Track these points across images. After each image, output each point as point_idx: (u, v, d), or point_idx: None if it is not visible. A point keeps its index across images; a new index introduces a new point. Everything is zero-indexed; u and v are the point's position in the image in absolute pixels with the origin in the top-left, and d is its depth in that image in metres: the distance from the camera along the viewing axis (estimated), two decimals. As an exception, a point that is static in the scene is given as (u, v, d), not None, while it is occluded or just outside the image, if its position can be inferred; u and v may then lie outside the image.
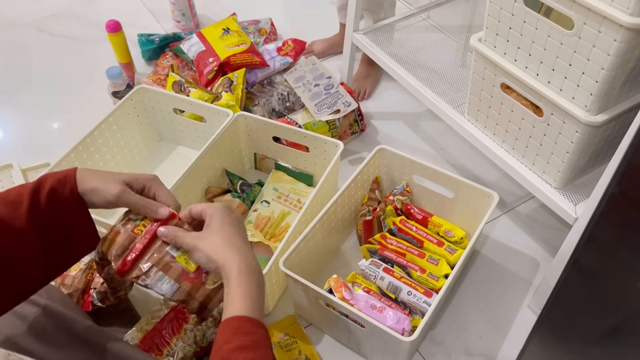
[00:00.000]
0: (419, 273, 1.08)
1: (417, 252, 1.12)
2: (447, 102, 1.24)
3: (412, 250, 1.13)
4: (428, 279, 1.07)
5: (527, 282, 1.20)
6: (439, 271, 1.09)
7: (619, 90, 0.93)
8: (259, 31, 1.75)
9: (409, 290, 1.04)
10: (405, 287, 1.05)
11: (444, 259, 1.12)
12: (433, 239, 1.15)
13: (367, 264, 1.09)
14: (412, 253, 1.12)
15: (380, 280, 1.07)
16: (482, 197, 1.13)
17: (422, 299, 1.03)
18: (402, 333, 0.95)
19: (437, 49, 1.41)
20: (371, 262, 1.10)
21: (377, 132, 1.51)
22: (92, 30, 1.87)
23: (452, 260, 1.12)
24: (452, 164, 1.43)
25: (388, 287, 1.06)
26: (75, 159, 1.22)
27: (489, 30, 1.04)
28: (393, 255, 1.12)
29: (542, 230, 1.28)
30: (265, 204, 1.25)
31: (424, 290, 1.04)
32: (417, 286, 1.05)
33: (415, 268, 1.09)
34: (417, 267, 1.09)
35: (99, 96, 1.60)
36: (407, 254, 1.12)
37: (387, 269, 1.08)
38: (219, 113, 1.29)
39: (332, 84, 1.45)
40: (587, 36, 0.87)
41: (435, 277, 1.07)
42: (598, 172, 1.08)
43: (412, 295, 1.03)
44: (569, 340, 0.76)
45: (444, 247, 1.13)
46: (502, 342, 1.11)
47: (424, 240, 1.15)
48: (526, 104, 1.04)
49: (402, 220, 1.19)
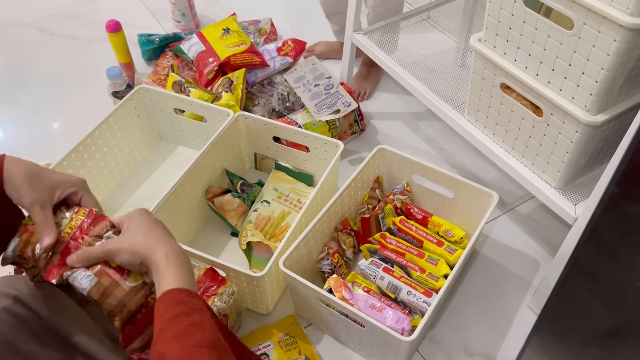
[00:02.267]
0: (418, 273, 1.08)
1: (417, 252, 1.13)
2: (447, 102, 1.24)
3: (411, 250, 1.13)
4: (428, 279, 1.07)
5: (527, 282, 1.20)
6: (438, 271, 1.09)
7: (618, 90, 0.93)
8: (259, 31, 1.75)
9: (408, 290, 1.04)
10: (405, 287, 1.05)
11: (444, 259, 1.12)
12: (433, 238, 1.15)
13: (367, 264, 1.09)
14: (412, 253, 1.12)
15: (380, 279, 1.07)
16: (482, 197, 1.13)
17: (421, 299, 1.03)
18: (401, 333, 0.95)
19: (437, 49, 1.41)
20: (371, 261, 1.10)
21: (377, 132, 1.51)
22: (92, 30, 1.87)
23: (452, 260, 1.12)
24: (452, 164, 1.43)
25: (388, 287, 1.06)
26: (75, 158, 1.22)
27: (488, 30, 1.04)
28: (393, 255, 1.12)
29: (542, 230, 1.28)
30: (266, 203, 1.25)
31: (424, 290, 1.04)
32: (417, 286, 1.05)
33: (415, 268, 1.09)
34: (417, 267, 1.09)
35: (99, 96, 1.60)
36: (406, 254, 1.12)
37: (387, 268, 1.08)
38: (219, 113, 1.29)
39: (332, 84, 1.45)
40: (587, 36, 0.87)
41: (435, 277, 1.08)
42: (598, 172, 1.08)
43: (412, 295, 1.03)
44: (568, 340, 0.76)
45: (444, 247, 1.14)
46: (502, 342, 1.11)
47: (423, 240, 1.15)
48: (526, 104, 1.04)
49: (402, 220, 1.19)
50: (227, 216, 1.24)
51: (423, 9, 1.49)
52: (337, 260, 1.12)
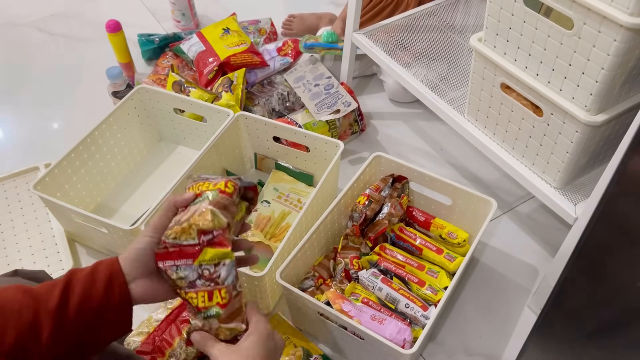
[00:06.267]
0: (418, 287, 1.07)
1: (417, 264, 1.11)
2: (447, 102, 1.24)
3: (411, 262, 1.11)
4: (427, 294, 1.06)
5: (527, 282, 1.20)
6: (439, 284, 1.08)
7: (618, 90, 0.93)
8: (259, 31, 1.75)
9: (406, 303, 1.02)
10: (403, 300, 1.02)
11: (443, 270, 1.11)
12: (432, 246, 1.14)
13: (367, 275, 1.07)
14: (412, 265, 1.11)
15: (378, 290, 1.05)
16: (480, 203, 1.12)
17: (419, 312, 1.01)
18: (402, 344, 0.93)
19: (437, 49, 1.41)
20: (372, 273, 1.07)
21: (377, 132, 1.51)
22: (92, 30, 1.87)
23: (452, 268, 1.11)
24: (452, 164, 1.43)
25: (386, 298, 1.04)
26: (75, 158, 1.22)
27: (489, 30, 1.04)
28: (392, 267, 1.10)
29: (542, 230, 1.28)
30: (266, 203, 1.25)
31: (422, 303, 1.02)
32: (415, 299, 1.03)
33: (414, 280, 1.07)
34: (417, 279, 1.08)
35: (99, 96, 1.60)
36: (406, 266, 1.11)
37: (385, 279, 1.06)
38: (219, 113, 1.29)
39: (332, 84, 1.45)
40: (587, 36, 0.87)
41: (434, 291, 1.06)
42: (598, 172, 1.08)
43: (410, 308, 1.02)
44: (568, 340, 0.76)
45: (443, 254, 1.12)
46: (502, 342, 1.11)
47: (422, 248, 1.14)
48: (526, 104, 1.04)
49: (401, 228, 1.18)
50: (227, 216, 1.24)
51: (423, 8, 1.49)
52: (320, 283, 1.11)
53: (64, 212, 1.14)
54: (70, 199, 1.22)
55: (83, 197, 1.27)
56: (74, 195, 1.24)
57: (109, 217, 1.27)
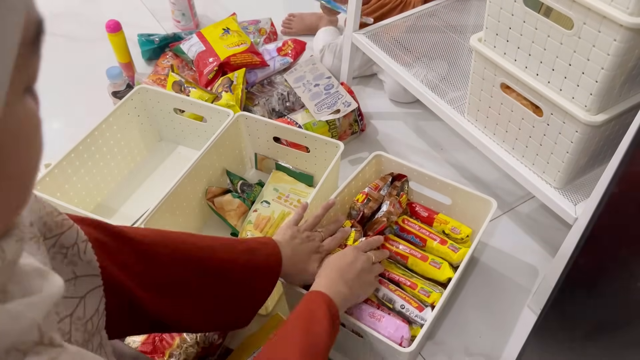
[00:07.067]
0: (410, 289, 1.05)
1: (420, 255, 1.10)
2: (447, 102, 1.24)
3: (414, 253, 1.11)
4: (420, 295, 1.04)
5: (527, 282, 1.20)
6: (441, 275, 1.07)
7: (618, 90, 0.93)
8: (259, 31, 1.75)
9: (402, 304, 1.01)
10: (399, 300, 1.02)
11: (447, 261, 1.11)
12: (436, 237, 1.14)
13: None
14: (415, 256, 1.10)
15: (375, 290, 1.05)
16: (480, 203, 1.12)
17: (414, 313, 1.00)
18: (400, 341, 0.93)
19: (437, 49, 1.41)
20: None
21: (377, 132, 1.51)
22: (92, 30, 1.87)
23: (456, 260, 1.10)
24: (452, 164, 1.43)
25: (383, 298, 1.04)
26: (75, 158, 1.22)
27: (488, 30, 1.04)
28: (397, 258, 1.10)
29: (542, 230, 1.28)
30: (266, 204, 1.25)
31: (417, 304, 1.01)
32: (411, 299, 1.02)
33: (407, 283, 1.06)
34: (409, 282, 1.06)
35: (99, 96, 1.60)
36: (409, 257, 1.11)
37: (381, 280, 1.05)
38: (219, 113, 1.29)
39: (332, 84, 1.45)
40: (586, 36, 0.87)
41: (427, 293, 1.04)
42: (598, 172, 1.08)
43: (406, 310, 1.01)
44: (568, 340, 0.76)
45: (447, 245, 1.12)
46: (502, 342, 1.11)
47: (426, 239, 1.14)
48: (526, 104, 1.04)
49: (405, 220, 1.18)
50: (227, 216, 1.24)
51: (424, 8, 1.49)
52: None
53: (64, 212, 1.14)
54: (70, 199, 1.22)
55: (83, 197, 1.27)
56: (74, 195, 1.24)
57: (109, 217, 1.27)
